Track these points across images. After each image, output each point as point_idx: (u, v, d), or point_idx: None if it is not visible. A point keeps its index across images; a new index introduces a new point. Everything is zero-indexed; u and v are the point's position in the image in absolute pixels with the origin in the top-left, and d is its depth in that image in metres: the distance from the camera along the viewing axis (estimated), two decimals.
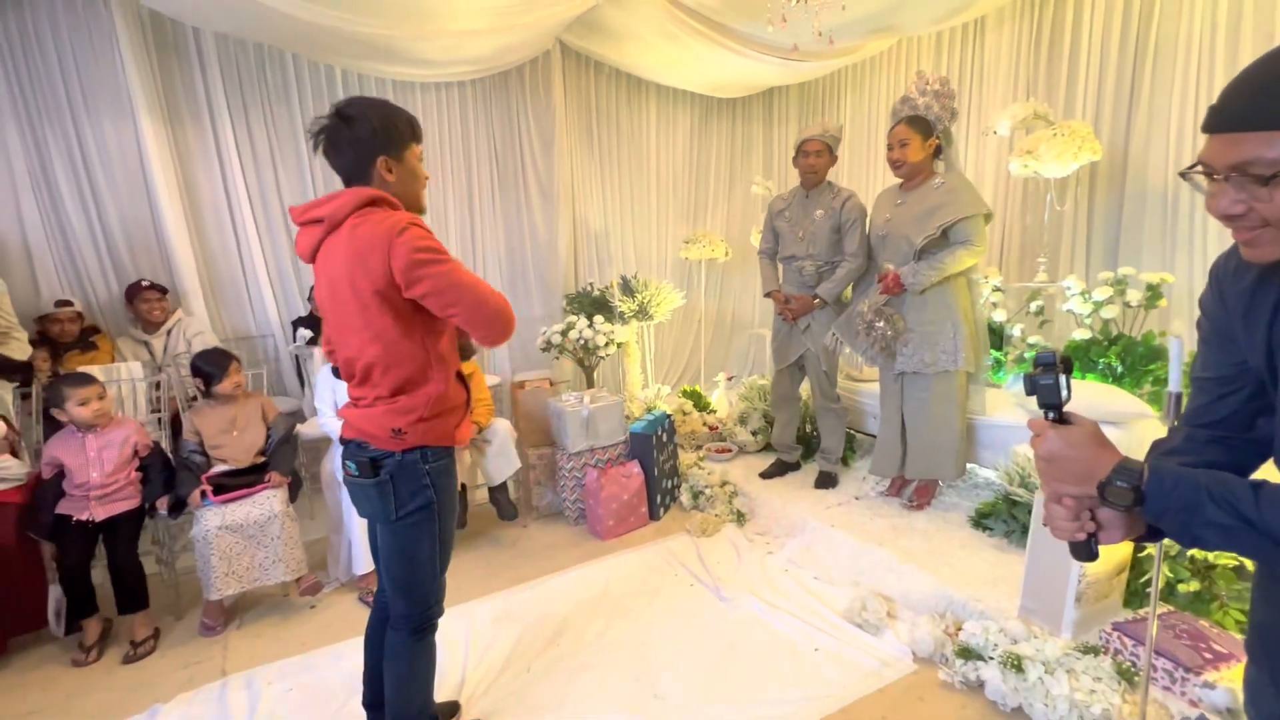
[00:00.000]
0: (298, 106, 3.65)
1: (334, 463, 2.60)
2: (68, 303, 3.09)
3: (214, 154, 3.49)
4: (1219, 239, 2.85)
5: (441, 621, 1.60)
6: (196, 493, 2.28)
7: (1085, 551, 0.79)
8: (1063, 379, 0.77)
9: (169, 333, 3.24)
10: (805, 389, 3.21)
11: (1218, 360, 0.83)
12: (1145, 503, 0.72)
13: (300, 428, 2.83)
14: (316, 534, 2.91)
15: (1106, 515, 0.77)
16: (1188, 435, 0.86)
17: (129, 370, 2.91)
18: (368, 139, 1.35)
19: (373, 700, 1.69)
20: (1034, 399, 0.79)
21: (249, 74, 3.51)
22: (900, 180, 2.63)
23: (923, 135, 2.48)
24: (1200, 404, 0.86)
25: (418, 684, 1.58)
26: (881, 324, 2.58)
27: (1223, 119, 0.69)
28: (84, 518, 2.16)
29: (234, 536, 2.23)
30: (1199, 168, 0.71)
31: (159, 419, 2.90)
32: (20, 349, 2.66)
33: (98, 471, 2.20)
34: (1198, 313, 0.87)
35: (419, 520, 1.46)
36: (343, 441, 1.50)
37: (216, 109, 3.44)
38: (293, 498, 2.50)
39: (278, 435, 2.55)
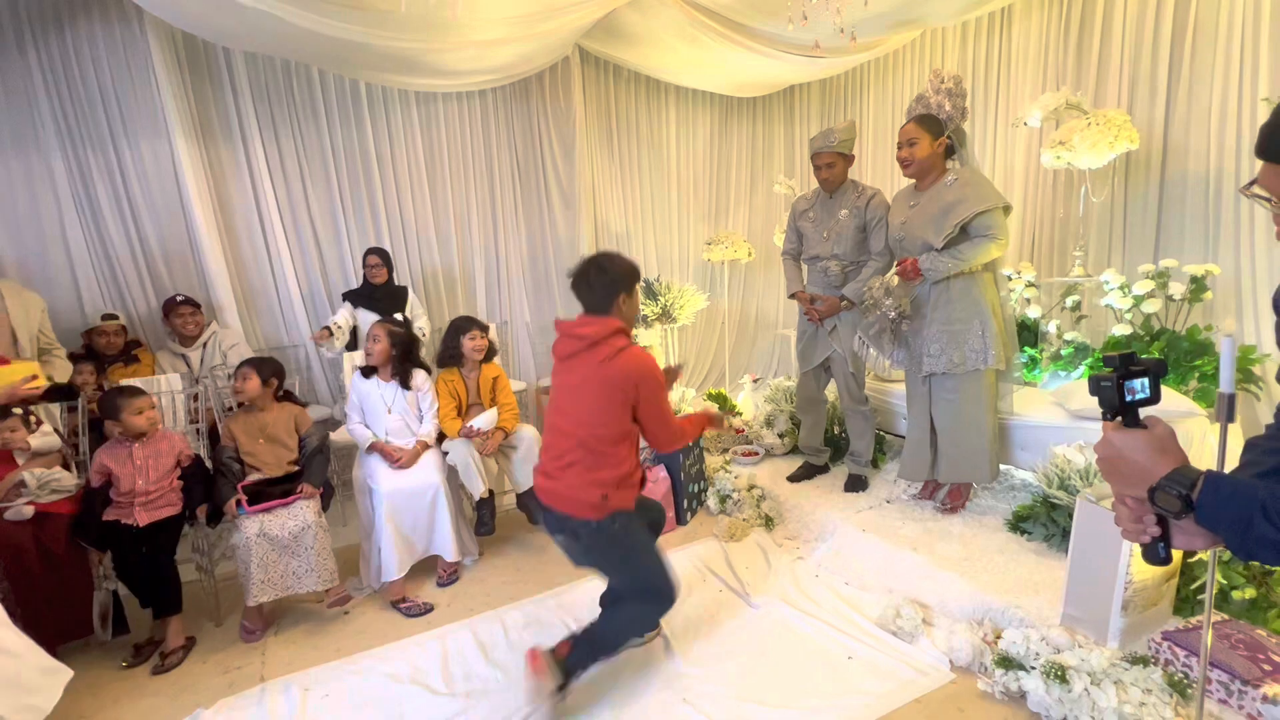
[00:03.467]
0: (325, 123, 3.73)
1: (364, 470, 2.64)
2: (113, 316, 3.20)
3: (245, 171, 3.58)
4: (1266, 227, 2.73)
5: (475, 626, 1.75)
6: (232, 501, 2.34)
7: (1153, 554, 0.80)
8: (1140, 383, 0.78)
9: (204, 345, 3.33)
10: (831, 390, 3.16)
11: None
12: (1197, 512, 0.71)
13: (332, 435, 2.88)
14: (349, 540, 2.96)
15: (1182, 521, 0.76)
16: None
17: (168, 382, 3.00)
18: (615, 281, 1.89)
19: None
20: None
21: (278, 93, 3.60)
22: (914, 180, 2.57)
23: (932, 134, 2.43)
24: None
25: (629, 634, 2.02)
26: (889, 301, 2.52)
27: (1268, 150, 0.69)
28: (129, 522, 2.23)
29: (269, 545, 2.28)
30: (1256, 187, 0.71)
31: (197, 429, 2.98)
32: (62, 368, 2.75)
33: (143, 479, 2.27)
34: (1254, 307, 0.84)
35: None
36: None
37: (247, 128, 3.53)
38: (325, 506, 2.54)
39: (311, 446, 2.60)
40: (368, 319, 3.45)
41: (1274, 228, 2.48)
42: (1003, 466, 2.81)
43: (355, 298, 3.52)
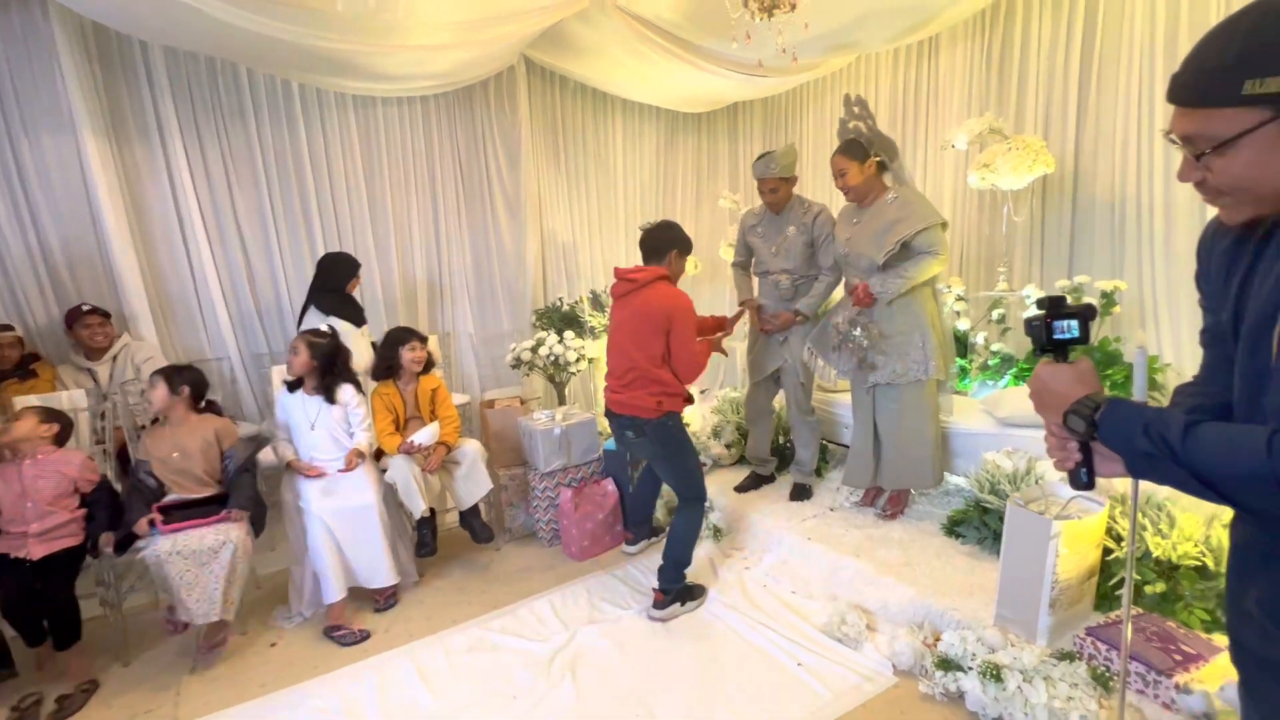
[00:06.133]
0: (253, 123, 3.53)
1: (294, 491, 2.49)
2: (8, 327, 2.91)
3: (164, 172, 3.34)
4: (1165, 246, 2.97)
5: (415, 652, 1.96)
6: (144, 521, 2.15)
7: (1076, 479, 0.87)
8: (1068, 324, 0.88)
9: (114, 359, 3.07)
10: (778, 401, 3.22)
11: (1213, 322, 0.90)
12: (1099, 431, 0.79)
13: (260, 455, 2.70)
14: (277, 565, 2.78)
15: (1100, 447, 0.82)
16: (1198, 381, 0.93)
17: (70, 399, 2.74)
18: (674, 239, 2.44)
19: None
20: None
21: (200, 90, 3.38)
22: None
23: (858, 160, 2.54)
24: (1203, 363, 0.93)
25: (691, 538, 2.47)
26: (858, 332, 2.59)
27: (1172, 92, 0.74)
28: (21, 555, 2.01)
29: (187, 562, 2.10)
30: (1172, 134, 0.76)
31: (104, 450, 2.74)
32: None
33: (32, 503, 2.05)
34: (1154, 319, 0.91)
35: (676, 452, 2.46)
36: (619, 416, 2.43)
37: (166, 126, 3.30)
38: (259, 529, 2.38)
39: (236, 463, 2.43)
40: (341, 326, 3.21)
41: (1170, 240, 2.64)
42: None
43: (329, 305, 3.22)
